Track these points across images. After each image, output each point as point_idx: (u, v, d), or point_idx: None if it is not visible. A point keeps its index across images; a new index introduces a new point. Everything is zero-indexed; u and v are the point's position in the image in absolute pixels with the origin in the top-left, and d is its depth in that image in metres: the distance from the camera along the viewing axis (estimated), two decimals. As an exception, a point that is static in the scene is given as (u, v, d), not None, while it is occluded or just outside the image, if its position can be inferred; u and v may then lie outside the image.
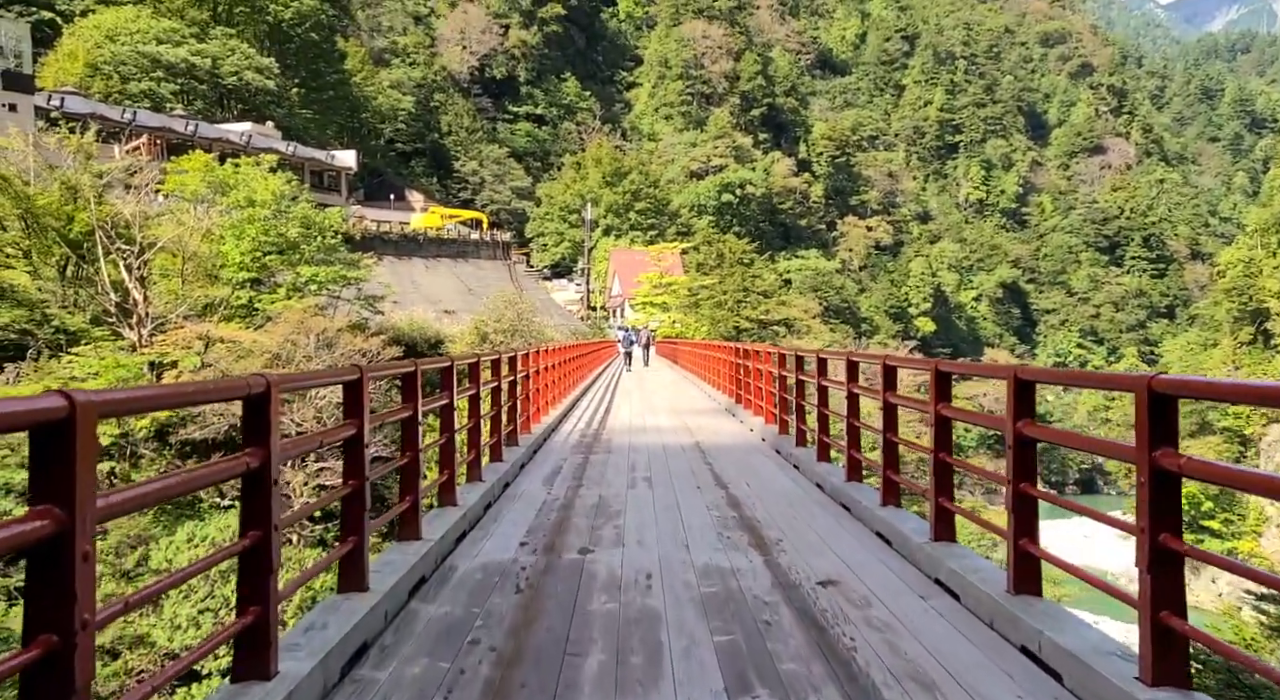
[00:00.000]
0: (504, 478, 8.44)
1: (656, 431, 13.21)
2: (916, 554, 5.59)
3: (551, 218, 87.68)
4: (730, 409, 16.02)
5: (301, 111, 70.19)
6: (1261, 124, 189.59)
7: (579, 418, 15.61)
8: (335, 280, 31.30)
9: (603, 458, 10.47)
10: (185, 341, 27.99)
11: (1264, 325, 67.46)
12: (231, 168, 31.64)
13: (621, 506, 7.51)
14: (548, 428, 12.69)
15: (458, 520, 6.38)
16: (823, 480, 8.27)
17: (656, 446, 11.48)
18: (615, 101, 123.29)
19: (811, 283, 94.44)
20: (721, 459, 10.31)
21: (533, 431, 11.64)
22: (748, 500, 7.74)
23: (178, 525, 24.78)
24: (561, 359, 17.05)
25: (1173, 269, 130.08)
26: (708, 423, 14.49)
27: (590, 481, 8.76)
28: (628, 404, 18.87)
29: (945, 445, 5.45)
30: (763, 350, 12.65)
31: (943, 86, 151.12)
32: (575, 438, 12.59)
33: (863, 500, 7.00)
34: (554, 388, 15.37)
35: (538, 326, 43.85)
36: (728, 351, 18.14)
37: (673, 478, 9.00)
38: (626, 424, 14.43)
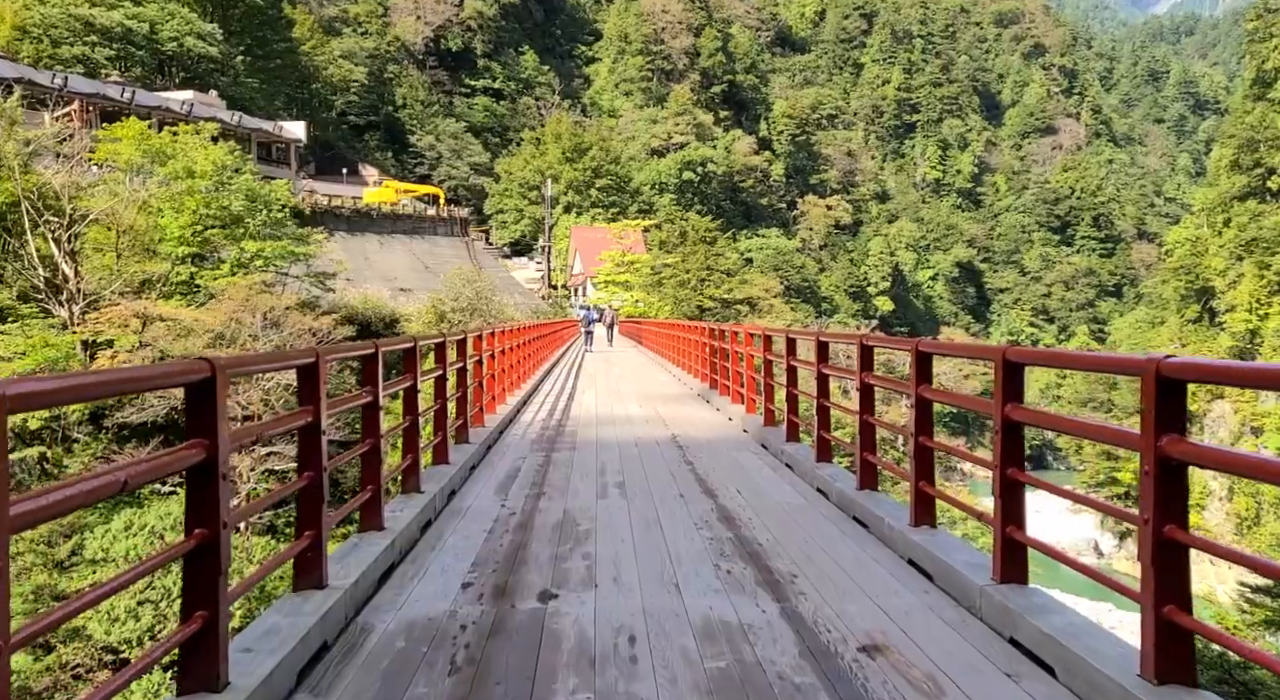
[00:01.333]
0: (449, 485, 7.10)
1: (627, 422, 11.89)
2: (977, 600, 4.24)
3: (511, 194, 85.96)
4: (704, 395, 14.82)
5: (248, 81, 67.42)
6: (1204, 106, 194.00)
7: (540, 405, 14.27)
8: (283, 256, 29.87)
9: (567, 456, 9.08)
10: (121, 320, 26.47)
11: (1209, 303, 68.92)
12: (169, 136, 29.88)
13: (591, 525, 6.14)
14: (505, 418, 11.39)
15: (383, 552, 4.93)
16: (827, 486, 7.01)
17: (628, 442, 10.10)
18: (574, 76, 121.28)
19: (773, 262, 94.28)
20: (704, 457, 8.99)
21: (487, 423, 10.31)
22: (743, 514, 6.46)
23: (115, 512, 23.52)
24: (521, 340, 15.70)
25: (1120, 248, 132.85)
26: (682, 412, 13.10)
27: (553, 489, 7.42)
28: (593, 389, 17.50)
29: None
30: (743, 331, 11.45)
31: (900, 66, 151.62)
32: (536, 430, 11.22)
33: (884, 516, 5.68)
34: (513, 371, 14.13)
35: (498, 305, 42.75)
36: (699, 332, 16.98)
37: (650, 483, 7.67)
38: (593, 413, 13.09)
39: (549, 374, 21.37)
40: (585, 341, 33.12)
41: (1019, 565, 4.25)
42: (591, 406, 14.06)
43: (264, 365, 5.59)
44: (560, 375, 21.54)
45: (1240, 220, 63.56)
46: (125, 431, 25.44)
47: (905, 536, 5.28)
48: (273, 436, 8.11)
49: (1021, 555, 4.25)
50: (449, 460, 7.73)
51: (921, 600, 4.52)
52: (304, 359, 4.24)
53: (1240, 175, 65.78)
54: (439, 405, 7.62)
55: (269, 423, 4.49)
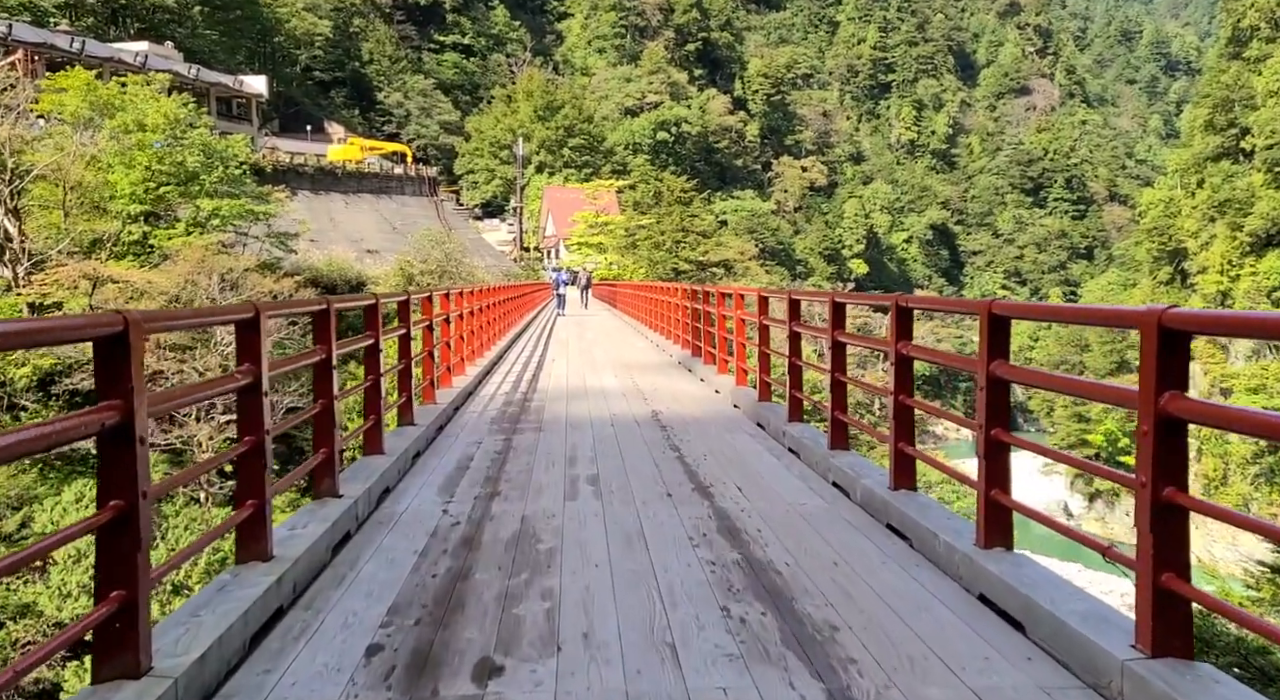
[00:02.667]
0: (381, 483, 5.70)
1: (601, 395, 10.58)
2: (1111, 675, 2.96)
3: (481, 154, 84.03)
4: (686, 363, 13.61)
5: (206, 33, 64.81)
6: (1175, 66, 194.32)
7: (505, 375, 13.03)
8: (241, 215, 28.66)
9: (531, 440, 7.67)
10: (70, 281, 25.27)
11: (1181, 265, 69.32)
12: (117, 87, 28.33)
13: (556, 540, 4.76)
14: (463, 392, 10.06)
15: (259, 599, 3.47)
16: (847, 482, 5.70)
17: (603, 420, 8.76)
18: (546, 33, 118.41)
19: (747, 224, 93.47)
20: (692, 440, 7.65)
21: (440, 399, 9.00)
22: (748, 522, 5.08)
23: (66, 483, 22.62)
24: (484, 303, 14.54)
25: (1092, 211, 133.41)
26: (663, 383, 11.77)
27: (511, 486, 6.04)
28: (564, 357, 16.12)
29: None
30: (733, 292, 10.23)
31: (876, 24, 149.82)
32: (498, 406, 9.83)
33: (937, 531, 4.32)
34: (475, 338, 13.01)
35: (468, 267, 41.71)
36: (678, 294, 15.87)
37: (630, 476, 6.31)
38: (563, 385, 11.68)
39: (517, 340, 20.17)
40: (557, 305, 32.21)
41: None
42: (562, 377, 12.74)
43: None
44: (529, 341, 20.28)
45: (1213, 181, 63.60)
46: (77, 398, 24.43)
47: (974, 565, 3.87)
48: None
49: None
50: (383, 449, 6.28)
51: (1029, 676, 3.12)
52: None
53: (1214, 135, 65.70)
54: (370, 382, 6.24)
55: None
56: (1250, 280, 57.89)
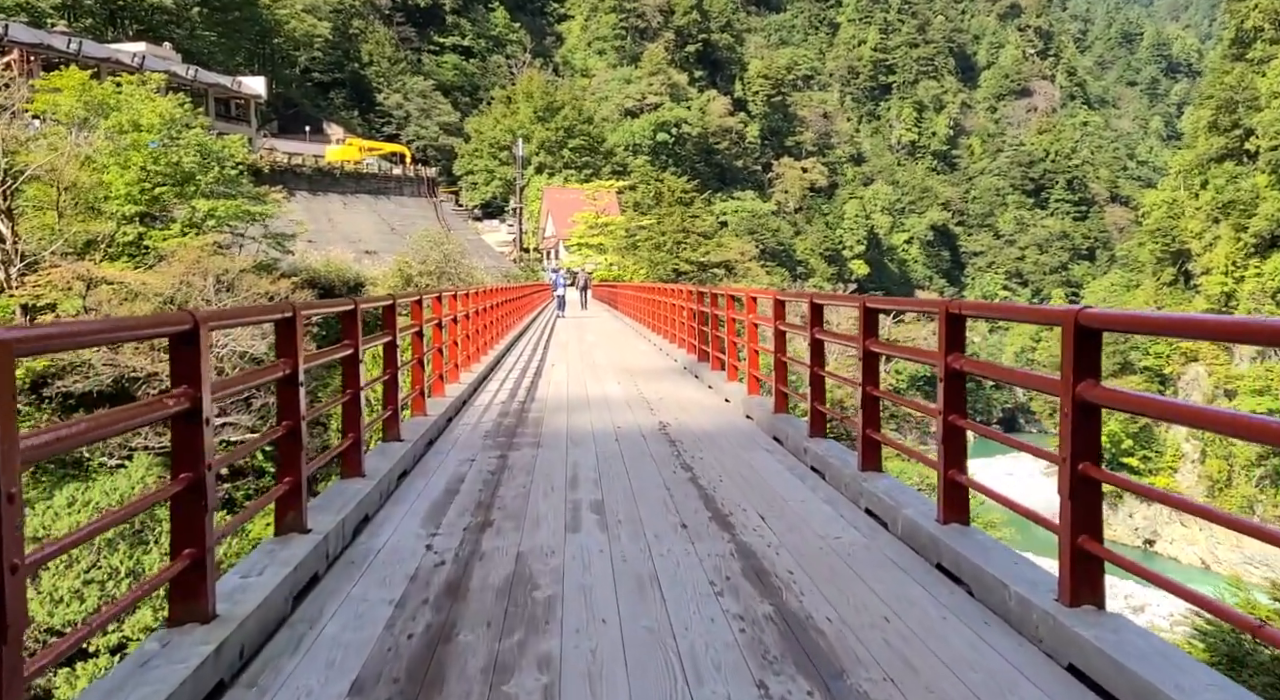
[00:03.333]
0: (359, 510, 5.04)
1: (604, 405, 9.90)
2: None
3: (481, 155, 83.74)
4: (692, 369, 12.94)
5: (205, 34, 64.54)
6: (1177, 68, 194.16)
7: (502, 382, 12.31)
8: (238, 216, 28.32)
9: (529, 457, 7.01)
10: (64, 282, 24.94)
11: (1185, 266, 68.97)
12: (112, 86, 28.02)
13: (555, 587, 4.06)
14: (457, 401, 9.43)
15: (195, 671, 2.89)
16: (886, 511, 5.02)
17: (606, 433, 8.08)
18: (546, 34, 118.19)
19: (748, 225, 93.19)
20: (705, 458, 6.96)
21: (431, 411, 8.40)
22: (778, 563, 4.36)
23: (58, 487, 22.31)
24: (481, 306, 13.88)
25: (1094, 212, 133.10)
26: (669, 391, 11.07)
27: (505, 515, 5.33)
28: (565, 362, 15.36)
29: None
30: (744, 295, 9.64)
31: (876, 25, 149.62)
32: (493, 417, 9.18)
33: (1006, 579, 3.68)
34: (471, 342, 12.43)
35: (466, 268, 41.39)
36: (682, 296, 15.20)
37: (639, 503, 5.58)
38: (564, 393, 11.03)
39: (515, 344, 19.54)
40: (557, 306, 31.84)
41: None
42: (563, 384, 12.04)
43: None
44: (528, 345, 19.62)
45: (1217, 182, 63.23)
46: (70, 401, 24.10)
47: (1061, 629, 3.23)
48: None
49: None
50: (362, 471, 5.60)
51: None
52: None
53: (1218, 136, 65.33)
54: (349, 395, 5.55)
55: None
56: (1255, 282, 57.56)
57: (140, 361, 22.82)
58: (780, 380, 8.04)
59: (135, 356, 22.69)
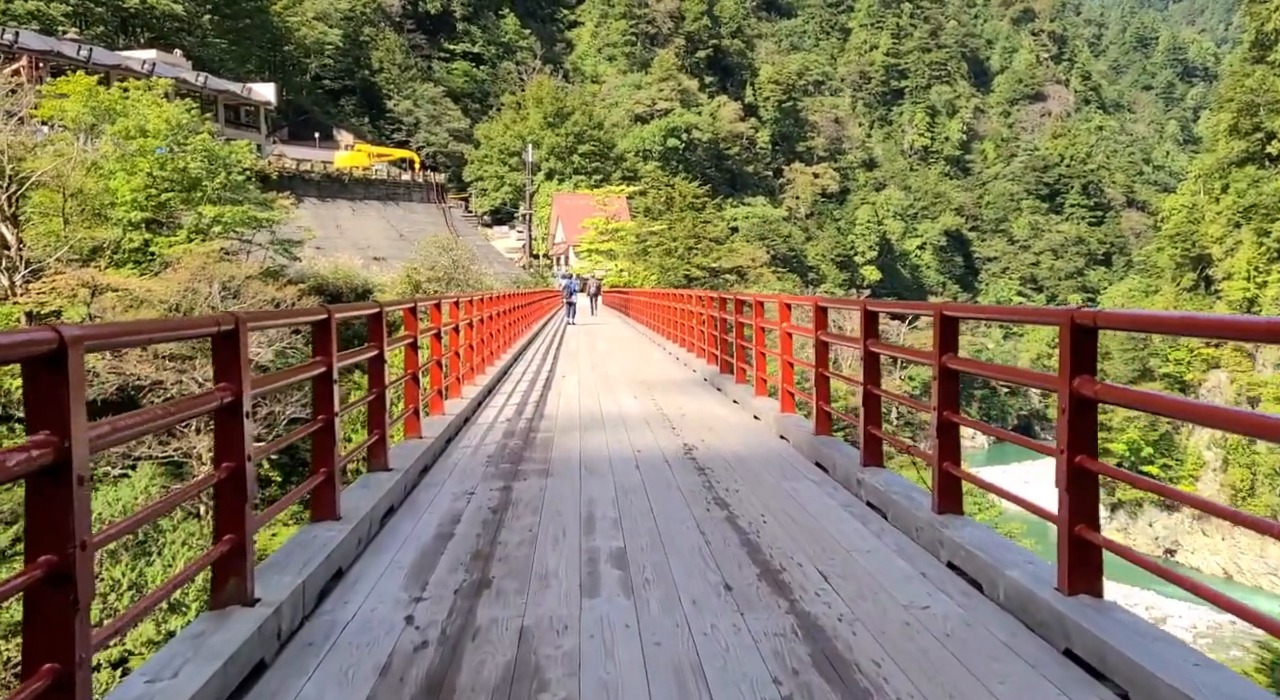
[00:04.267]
0: (328, 565, 4.10)
1: (620, 423, 8.90)
2: None
3: (491, 161, 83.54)
4: (713, 381, 12.03)
5: (216, 41, 64.61)
6: (1192, 72, 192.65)
7: (509, 396, 11.36)
8: (244, 222, 27.99)
9: (536, 489, 6.12)
10: (68, 289, 24.66)
11: (1206, 271, 67.93)
12: (119, 92, 27.75)
13: (570, 686, 3.18)
14: (457, 419, 8.56)
15: None
16: (979, 570, 4.05)
17: (624, 459, 7.13)
18: (556, 41, 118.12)
19: (759, 231, 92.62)
20: (742, 490, 5.99)
21: (428, 432, 7.51)
22: (860, 652, 3.43)
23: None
24: (487, 313, 13.01)
25: (1110, 217, 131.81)
26: (691, 406, 10.09)
27: (507, 570, 4.37)
28: (575, 372, 14.46)
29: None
30: (776, 301, 8.68)
31: (888, 30, 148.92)
32: (498, 437, 8.27)
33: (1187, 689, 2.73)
34: (477, 351, 11.70)
35: (475, 274, 41.00)
36: (701, 302, 14.15)
37: (669, 553, 4.61)
38: (575, 409, 10.08)
39: (524, 352, 18.78)
40: (567, 313, 31.15)
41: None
42: (574, 398, 11.11)
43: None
44: (537, 354, 18.75)
45: (1239, 186, 62.22)
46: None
47: None
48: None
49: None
50: (336, 513, 4.64)
51: None
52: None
53: (1239, 140, 64.35)
54: (320, 423, 4.62)
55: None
56: (1278, 286, 56.55)
57: (145, 369, 22.49)
58: (822, 398, 7.12)
59: (139, 365, 22.34)
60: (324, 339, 4.68)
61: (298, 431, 4.77)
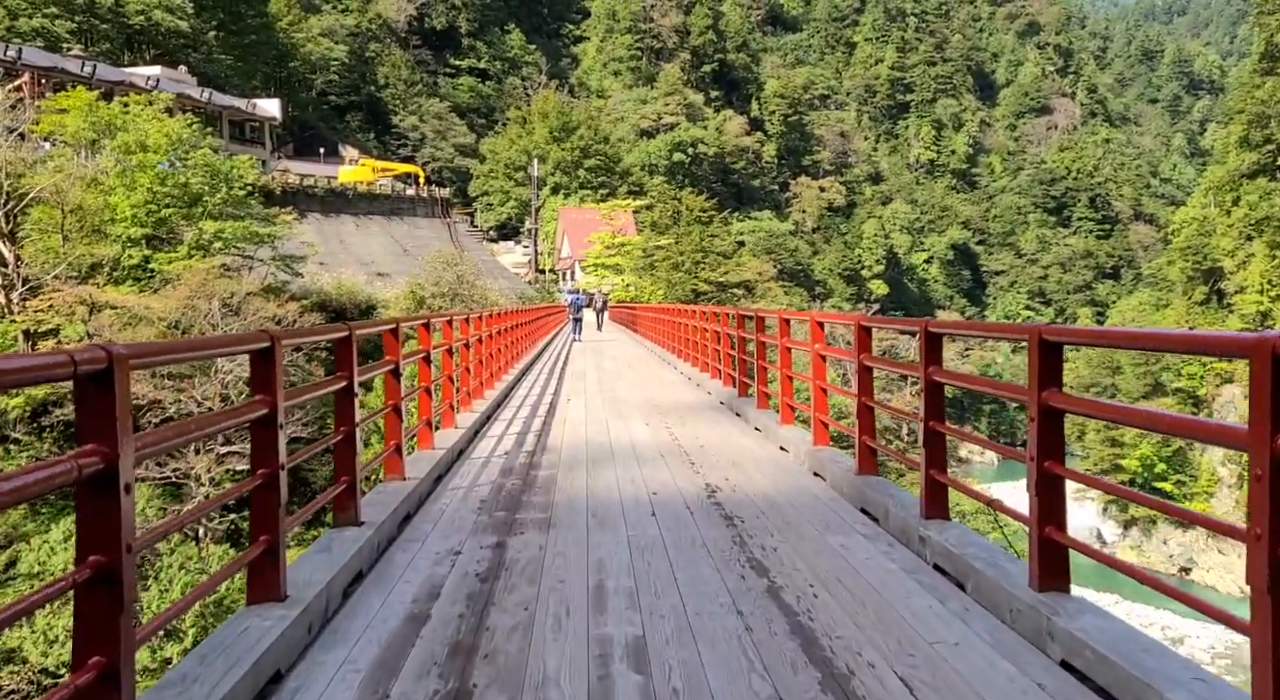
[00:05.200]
0: (260, 671, 3.20)
1: (631, 456, 8.07)
2: None
3: (496, 175, 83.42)
4: (731, 405, 11.18)
5: (221, 58, 64.69)
6: (1199, 85, 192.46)
7: (509, 424, 10.40)
8: (246, 237, 27.60)
9: (535, 547, 5.12)
10: (66, 307, 24.29)
11: (1218, 284, 67.25)
12: (119, 107, 27.47)
13: None
14: (453, 449, 7.81)
15: None
16: (1114, 679, 3.08)
17: (639, 504, 6.21)
18: (562, 56, 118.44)
19: (765, 245, 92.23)
20: (783, 551, 4.94)
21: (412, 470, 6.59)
22: None
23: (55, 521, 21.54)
24: (486, 332, 12.05)
25: (1118, 230, 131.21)
26: (709, 435, 9.22)
27: (493, 678, 3.40)
28: (582, 394, 13.63)
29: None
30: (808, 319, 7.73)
31: (894, 44, 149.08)
32: (494, 474, 7.37)
33: None
34: (475, 374, 10.85)
35: (480, 290, 40.60)
36: (716, 319, 13.31)
37: (700, 647, 3.67)
38: (581, 438, 9.19)
39: (528, 372, 17.87)
40: (573, 330, 30.50)
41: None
42: (580, 424, 10.27)
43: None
44: (541, 373, 17.81)
45: (1250, 199, 61.61)
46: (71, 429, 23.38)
47: None
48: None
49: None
50: (281, 591, 3.73)
51: None
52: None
53: (1249, 152, 63.80)
54: (262, 478, 3.68)
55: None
56: (1293, 300, 55.87)
57: (142, 388, 22.08)
58: (867, 431, 6.20)
59: (137, 384, 21.91)
60: (267, 375, 3.86)
61: (231, 491, 4.06)
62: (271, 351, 3.73)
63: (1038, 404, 3.61)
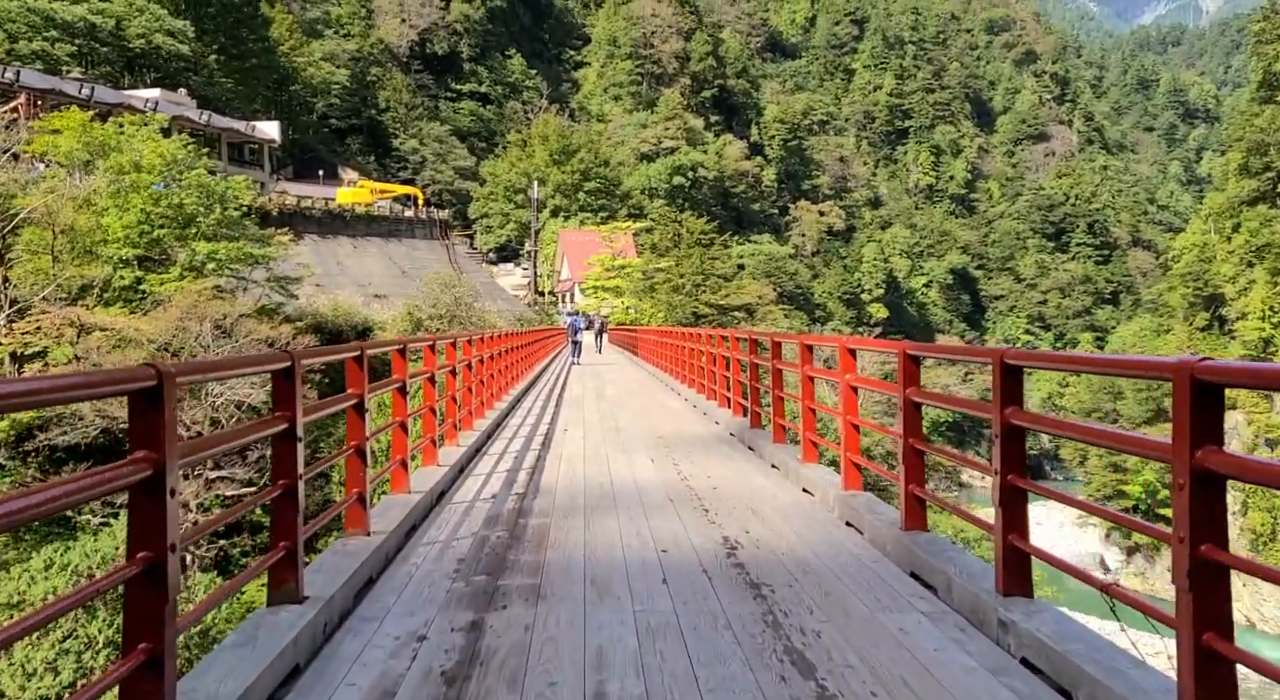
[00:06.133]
0: None
1: (636, 502, 7.09)
2: None
3: (496, 198, 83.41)
4: (743, 437, 10.31)
5: (222, 81, 64.76)
6: (1194, 114, 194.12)
7: (499, 459, 9.36)
8: (239, 258, 27.17)
9: (520, 628, 4.15)
10: (55, 329, 23.79)
11: (1219, 311, 66.98)
12: (114, 127, 27.17)
13: None
14: (431, 493, 6.80)
15: None
16: None
17: (647, 566, 5.24)
18: (563, 81, 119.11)
19: (765, 268, 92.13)
20: (827, 637, 4.01)
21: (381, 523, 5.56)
22: None
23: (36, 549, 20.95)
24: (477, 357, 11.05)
25: (1116, 256, 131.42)
26: (723, 475, 8.27)
27: None
28: (580, 424, 12.65)
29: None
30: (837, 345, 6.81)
31: (892, 71, 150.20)
32: (477, 524, 6.35)
33: None
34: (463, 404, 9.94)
35: (478, 312, 40.17)
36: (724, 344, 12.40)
37: None
38: (579, 477, 8.23)
39: (524, 397, 16.87)
40: (572, 353, 29.99)
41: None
42: (577, 460, 9.28)
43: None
44: (537, 400, 16.75)
45: (1251, 225, 61.54)
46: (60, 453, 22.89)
47: None
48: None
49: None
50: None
51: None
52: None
53: (1249, 179, 63.82)
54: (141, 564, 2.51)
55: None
56: (1295, 326, 55.56)
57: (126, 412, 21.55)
58: (915, 479, 5.28)
59: (122, 408, 21.40)
60: (151, 429, 3.01)
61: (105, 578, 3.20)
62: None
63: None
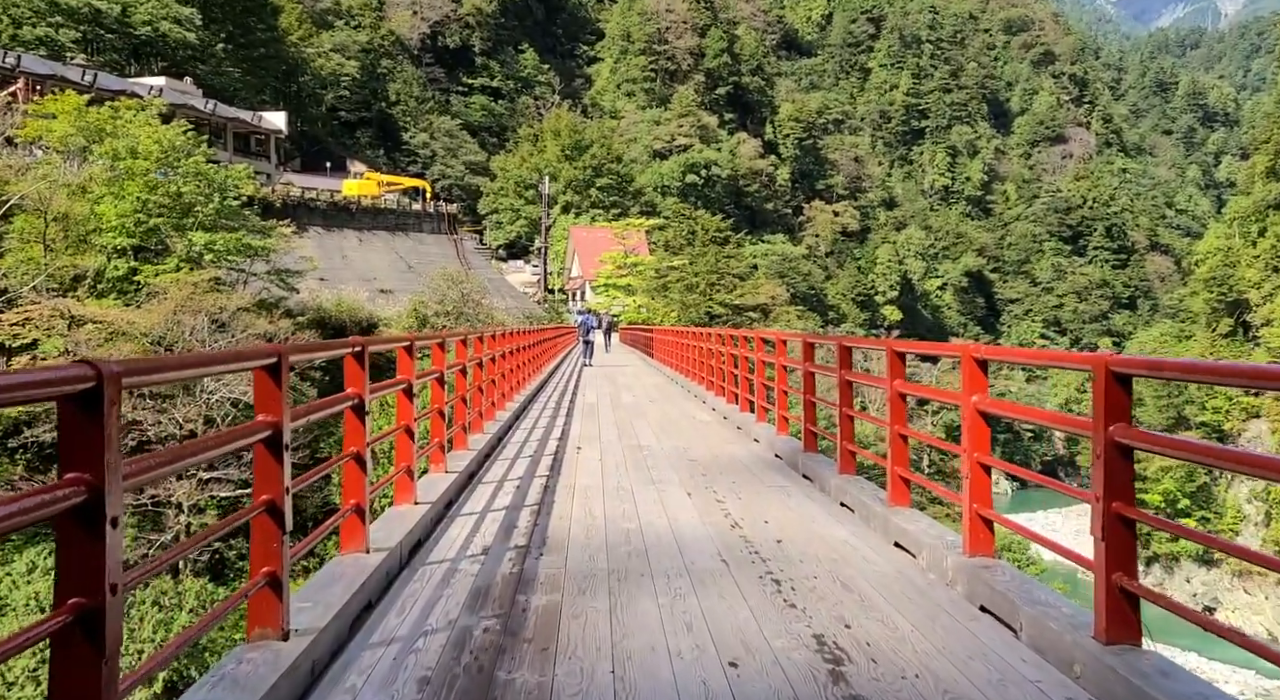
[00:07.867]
0: None
1: (679, 566, 5.16)
2: None
3: (506, 193, 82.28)
4: (792, 462, 8.73)
5: (229, 70, 63.84)
6: (1213, 118, 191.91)
7: (495, 492, 7.46)
8: (238, 250, 26.11)
9: None
10: (44, 321, 22.79)
11: (1243, 317, 65.46)
12: (109, 112, 26.14)
13: None
14: (398, 550, 5.02)
15: None
16: None
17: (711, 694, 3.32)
18: (575, 76, 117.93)
19: (778, 268, 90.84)
20: None
21: (337, 595, 3.99)
22: None
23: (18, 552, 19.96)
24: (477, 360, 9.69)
25: (1134, 260, 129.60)
26: (782, 517, 6.54)
27: None
28: (596, 442, 10.72)
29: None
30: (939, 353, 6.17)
31: (909, 71, 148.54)
32: (453, 611, 4.31)
33: None
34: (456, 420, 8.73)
35: (486, 309, 39.10)
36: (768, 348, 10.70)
37: None
38: (598, 524, 6.31)
39: (531, 404, 15.05)
40: (584, 353, 28.53)
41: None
42: (595, 494, 7.44)
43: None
44: (547, 407, 14.79)
45: (1277, 230, 60.10)
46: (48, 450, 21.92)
47: None
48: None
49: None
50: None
51: None
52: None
53: (1276, 183, 62.36)
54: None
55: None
56: (1326, 334, 54.04)
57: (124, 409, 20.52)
58: (1123, 564, 3.42)
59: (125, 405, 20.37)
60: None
61: None
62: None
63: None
